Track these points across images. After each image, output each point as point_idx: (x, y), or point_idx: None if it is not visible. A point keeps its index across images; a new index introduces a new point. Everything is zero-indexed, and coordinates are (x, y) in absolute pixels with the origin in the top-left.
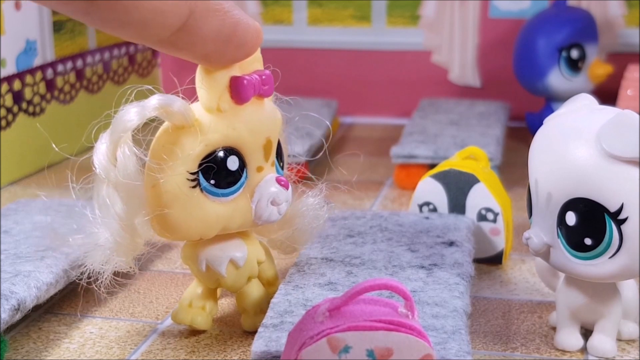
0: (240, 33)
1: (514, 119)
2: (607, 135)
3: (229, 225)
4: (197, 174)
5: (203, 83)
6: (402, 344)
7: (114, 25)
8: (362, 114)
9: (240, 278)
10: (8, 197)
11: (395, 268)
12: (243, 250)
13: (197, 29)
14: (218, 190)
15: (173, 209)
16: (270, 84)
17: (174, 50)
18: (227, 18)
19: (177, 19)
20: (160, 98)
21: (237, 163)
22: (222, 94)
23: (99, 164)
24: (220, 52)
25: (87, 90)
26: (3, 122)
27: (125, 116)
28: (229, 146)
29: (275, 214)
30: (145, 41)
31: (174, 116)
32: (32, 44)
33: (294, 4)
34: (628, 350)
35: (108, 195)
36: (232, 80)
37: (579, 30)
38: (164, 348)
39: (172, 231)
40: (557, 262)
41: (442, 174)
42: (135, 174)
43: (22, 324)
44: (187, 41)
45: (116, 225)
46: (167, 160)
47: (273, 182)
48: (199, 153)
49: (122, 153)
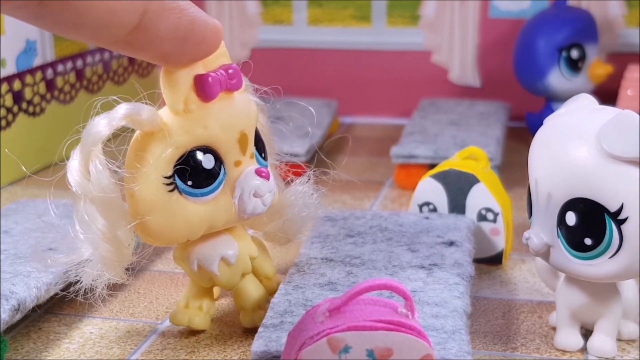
0: (197, 31)
1: (514, 119)
2: (607, 135)
3: (214, 224)
4: (173, 177)
5: (166, 85)
6: (402, 344)
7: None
8: (362, 114)
9: (233, 275)
10: (8, 197)
11: (395, 268)
12: (234, 247)
13: (152, 28)
14: (197, 191)
15: (153, 216)
16: (237, 77)
17: (132, 51)
18: (183, 16)
19: (131, 18)
20: (127, 107)
21: (213, 161)
22: (188, 94)
23: (73, 181)
24: (179, 50)
25: (87, 90)
26: (3, 122)
27: (93, 129)
28: (203, 145)
29: (260, 205)
30: (101, 42)
31: (142, 123)
32: (32, 44)
33: (294, 4)
34: (628, 350)
35: (86, 211)
36: (196, 79)
37: (579, 30)
38: (163, 348)
39: (157, 237)
40: (557, 262)
41: (442, 174)
42: (110, 186)
43: (22, 324)
44: (143, 41)
45: (99, 239)
46: (140, 168)
47: (253, 174)
48: (171, 156)
49: (94, 167)
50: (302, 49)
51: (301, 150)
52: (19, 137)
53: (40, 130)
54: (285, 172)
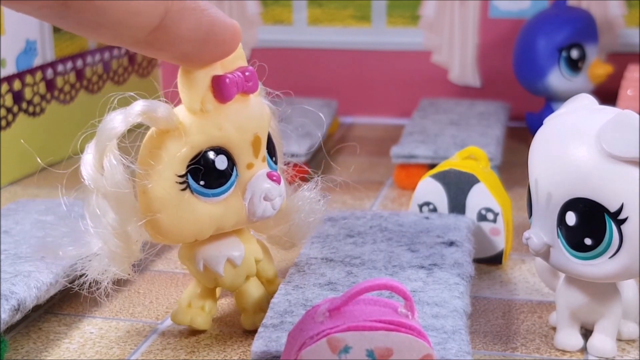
0: (217, 31)
1: (514, 119)
2: (607, 135)
3: (223, 225)
4: (186, 176)
5: (184, 84)
6: (402, 344)
7: (88, 28)
8: (362, 114)
9: (238, 277)
10: (8, 197)
11: (395, 268)
12: (240, 249)
13: (173, 29)
14: (208, 191)
15: (164, 213)
16: (254, 80)
17: (152, 51)
18: (204, 17)
19: (152, 19)
20: (144, 104)
21: (226, 162)
22: (205, 94)
23: (86, 174)
24: (198, 51)
25: (87, 90)
26: (3, 122)
27: (109, 124)
28: (217, 146)
29: (269, 209)
30: (122, 42)
31: (158, 121)
32: (32, 44)
33: (294, 4)
34: (628, 350)
35: (98, 205)
36: (214, 80)
37: (579, 30)
38: (164, 348)
39: (166, 235)
40: (557, 262)
41: (442, 174)
42: (123, 181)
43: (22, 324)
44: (163, 41)
45: (109, 234)
46: (154, 166)
47: (264, 177)
48: (185, 155)
49: (108, 162)
50: (302, 49)
51: (301, 150)
52: (19, 137)
53: (40, 130)
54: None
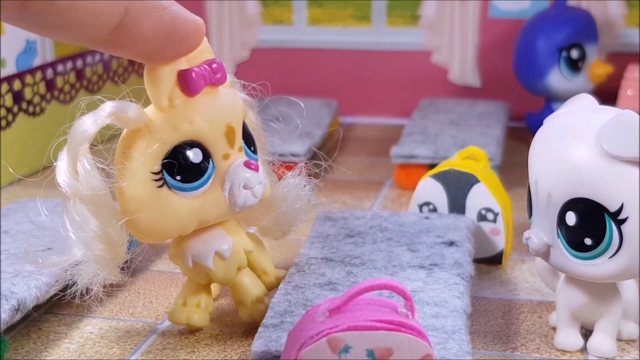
0: (179, 29)
1: (514, 119)
2: (607, 135)
3: (205, 218)
4: (162, 172)
5: (150, 82)
6: (402, 344)
7: (49, 29)
8: (362, 114)
9: (229, 270)
10: (8, 197)
11: (395, 268)
12: (228, 242)
13: (135, 28)
14: (186, 185)
15: (144, 212)
16: (222, 72)
17: (115, 50)
18: (165, 15)
19: (112, 18)
20: (113, 105)
21: (201, 155)
22: (172, 90)
23: (62, 181)
24: (161, 48)
25: (87, 90)
26: (3, 122)
27: (79, 128)
28: (189, 140)
29: (250, 197)
30: (84, 42)
31: (128, 121)
32: (32, 44)
33: (294, 4)
34: (628, 350)
35: (77, 210)
36: (180, 74)
37: (579, 30)
38: (163, 348)
39: (148, 233)
40: (557, 262)
41: (442, 174)
42: (99, 184)
43: (22, 324)
44: (126, 40)
45: (92, 239)
46: (128, 165)
47: (242, 166)
48: (157, 152)
49: (82, 166)
50: (302, 49)
51: (301, 150)
52: (19, 137)
53: (40, 130)
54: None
